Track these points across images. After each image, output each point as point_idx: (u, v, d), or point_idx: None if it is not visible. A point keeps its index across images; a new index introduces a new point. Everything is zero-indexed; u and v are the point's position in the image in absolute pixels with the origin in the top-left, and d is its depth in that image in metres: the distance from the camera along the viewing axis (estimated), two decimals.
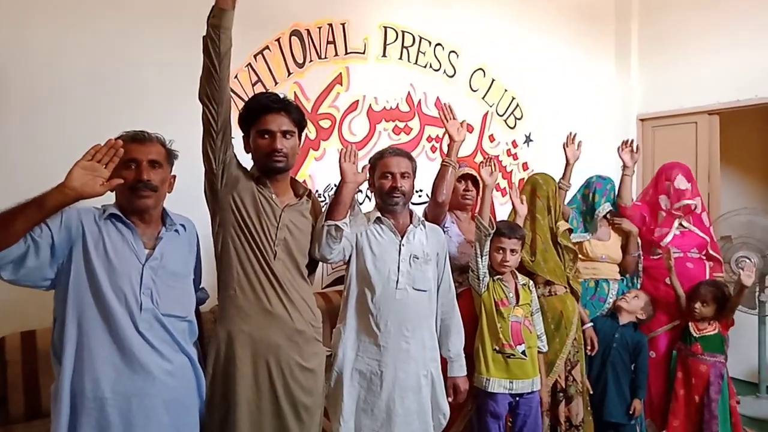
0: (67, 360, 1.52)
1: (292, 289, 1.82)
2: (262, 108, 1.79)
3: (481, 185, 2.35)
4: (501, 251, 2.34)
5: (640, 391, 2.70)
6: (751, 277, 2.67)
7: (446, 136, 2.44)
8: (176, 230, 1.73)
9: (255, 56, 2.96)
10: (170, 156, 1.74)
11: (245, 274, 1.77)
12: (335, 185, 3.20)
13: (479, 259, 2.27)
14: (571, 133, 2.94)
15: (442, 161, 2.37)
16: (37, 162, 2.24)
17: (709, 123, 4.25)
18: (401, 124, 3.53)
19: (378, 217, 2.13)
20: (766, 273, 3.61)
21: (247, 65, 2.93)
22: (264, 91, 2.85)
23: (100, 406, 1.51)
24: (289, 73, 3.09)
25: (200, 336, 1.84)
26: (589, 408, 2.70)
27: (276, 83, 3.04)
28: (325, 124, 3.22)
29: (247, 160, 1.89)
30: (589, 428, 2.71)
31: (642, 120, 4.65)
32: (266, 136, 1.79)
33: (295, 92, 3.10)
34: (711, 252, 3.01)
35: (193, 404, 1.70)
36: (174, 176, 1.77)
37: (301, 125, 1.87)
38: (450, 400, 2.19)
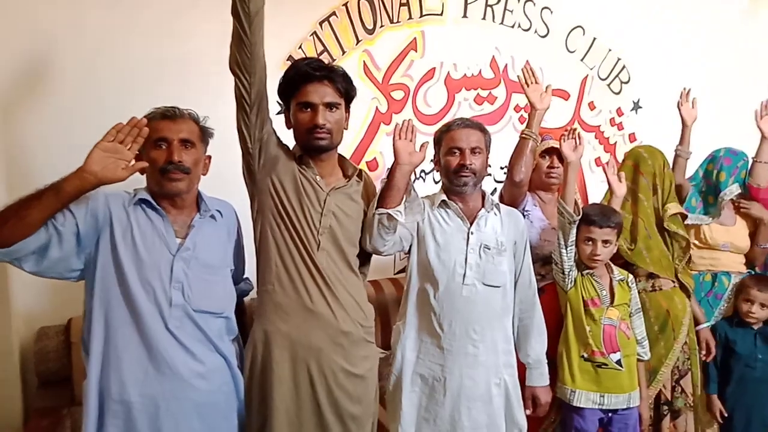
0: (94, 357, 1.42)
1: (338, 284, 1.60)
2: (302, 77, 1.56)
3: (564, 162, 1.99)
4: (590, 242, 1.97)
5: None
6: None
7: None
8: (212, 216, 1.57)
9: (320, 23, 2.73)
10: (204, 134, 1.57)
11: (285, 267, 1.58)
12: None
13: (563, 251, 1.92)
14: (685, 89, 2.48)
15: (521, 133, 2.02)
16: (91, 144, 2.17)
17: None
18: (484, 93, 3.17)
19: (443, 201, 1.85)
20: None
21: (311, 34, 2.72)
22: (323, 60, 2.61)
23: (126, 410, 1.40)
24: (358, 41, 2.83)
25: (244, 332, 1.68)
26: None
27: (344, 52, 2.80)
28: (398, 95, 2.95)
29: (290, 138, 1.68)
30: None
31: None
32: (307, 109, 1.57)
33: (364, 61, 2.85)
34: None
35: (230, 408, 1.55)
36: (209, 156, 1.60)
37: (348, 95, 1.62)
38: (528, 412, 1.89)
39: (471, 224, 1.82)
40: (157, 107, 1.52)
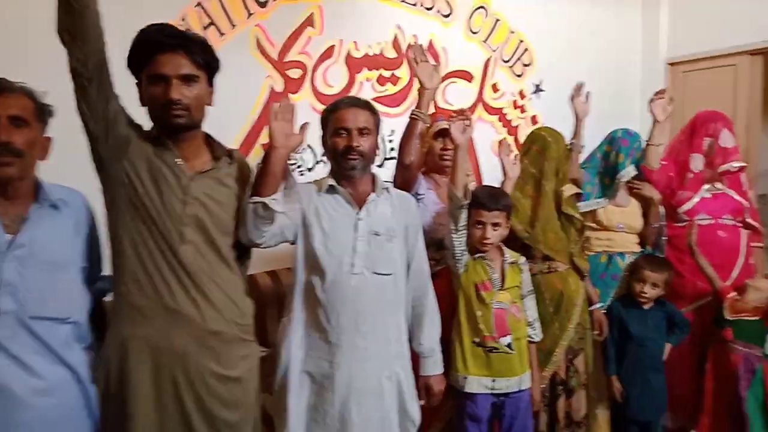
0: None
1: (207, 281, 1.44)
2: (153, 45, 1.37)
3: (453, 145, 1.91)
4: (480, 226, 1.91)
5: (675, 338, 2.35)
6: None
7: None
8: (54, 206, 1.36)
9: None
10: (42, 112, 1.35)
11: (142, 264, 1.40)
12: (308, 146, 2.91)
13: (454, 235, 1.86)
14: (577, 84, 2.46)
15: (411, 113, 1.93)
16: None
17: (750, 65, 3.67)
18: (387, 74, 3.07)
19: (331, 186, 1.72)
20: None
21: (196, 4, 2.50)
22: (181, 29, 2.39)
23: None
24: (249, 14, 2.64)
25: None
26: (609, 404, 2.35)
27: (233, 26, 2.60)
28: (295, 74, 2.78)
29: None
30: (600, 426, 2.33)
31: (671, 64, 4.07)
32: (159, 82, 1.38)
33: (257, 37, 2.66)
34: (749, 220, 2.53)
35: (82, 427, 1.37)
36: (48, 138, 1.38)
37: (210, 67, 1.45)
38: (422, 403, 1.82)
39: (360, 210, 1.71)
40: None
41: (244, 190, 1.51)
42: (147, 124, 1.46)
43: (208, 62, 1.42)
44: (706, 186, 2.51)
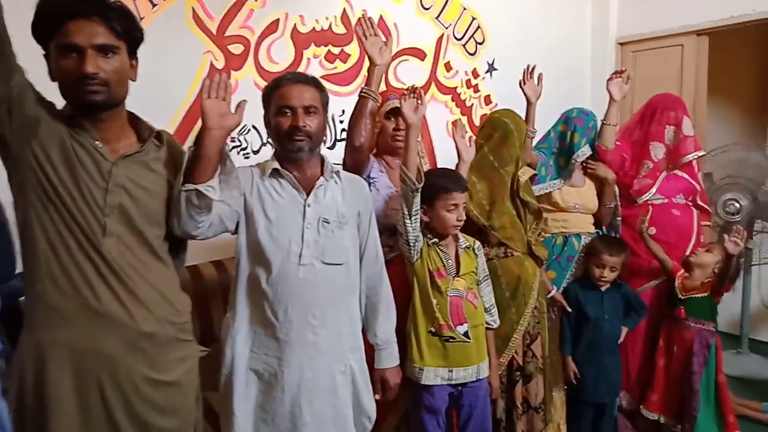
0: None
1: (136, 276, 1.29)
2: (63, 10, 1.19)
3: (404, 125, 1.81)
4: (454, 208, 1.83)
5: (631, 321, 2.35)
6: (738, 244, 2.22)
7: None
8: None
9: None
10: None
11: (58, 260, 1.23)
12: (253, 127, 2.74)
13: (408, 221, 1.76)
14: (528, 66, 2.38)
15: (360, 91, 1.80)
16: None
17: (697, 45, 3.71)
18: (336, 50, 2.92)
19: (275, 169, 1.59)
20: (756, 217, 3.19)
21: None
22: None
23: None
24: None
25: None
26: (564, 387, 2.34)
27: None
28: (236, 49, 2.60)
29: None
30: (557, 408, 2.32)
31: (621, 44, 4.08)
32: (71, 53, 1.20)
33: (193, 8, 2.45)
34: (700, 202, 2.55)
35: None
36: None
37: (131, 37, 1.28)
38: (378, 397, 1.73)
39: (308, 195, 1.59)
40: None
41: (175, 176, 1.36)
42: (59, 102, 1.28)
43: (128, 31, 1.25)
44: (663, 175, 2.52)
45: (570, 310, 2.32)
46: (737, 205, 3.07)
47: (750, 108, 4.27)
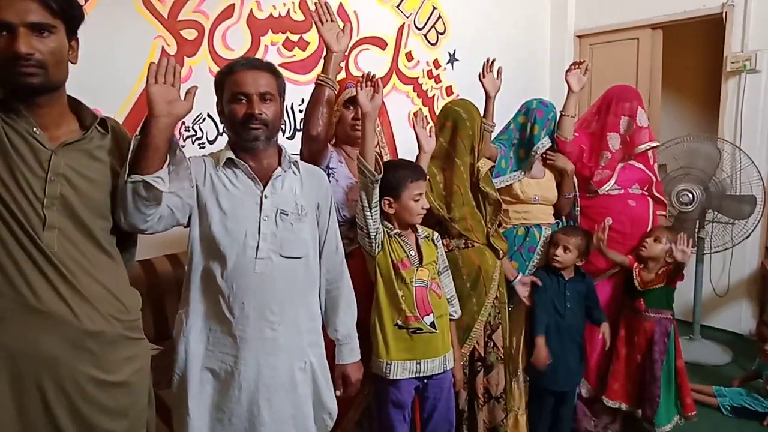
0: None
1: (79, 272, 1.21)
2: None
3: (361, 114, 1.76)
4: (419, 197, 1.82)
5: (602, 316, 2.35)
6: (686, 252, 2.27)
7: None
8: None
9: None
10: None
11: None
12: (208, 116, 2.64)
13: (368, 213, 1.72)
14: (488, 60, 2.35)
15: (317, 78, 1.75)
16: None
17: (651, 39, 3.80)
18: (294, 37, 2.85)
19: (230, 159, 1.52)
20: (708, 208, 3.28)
21: None
22: None
23: None
24: None
25: None
26: (526, 377, 2.36)
27: None
28: (190, 35, 2.50)
29: None
30: (515, 398, 2.33)
31: (579, 37, 4.14)
32: (2, 32, 1.11)
33: None
34: (655, 192, 2.60)
35: None
36: None
37: (69, 15, 1.19)
38: (339, 394, 1.69)
39: (265, 186, 1.53)
40: None
41: (121, 165, 1.28)
42: None
43: (65, 9, 1.16)
44: (621, 165, 2.55)
45: (541, 284, 2.30)
46: (690, 195, 3.15)
47: (702, 101, 4.40)
